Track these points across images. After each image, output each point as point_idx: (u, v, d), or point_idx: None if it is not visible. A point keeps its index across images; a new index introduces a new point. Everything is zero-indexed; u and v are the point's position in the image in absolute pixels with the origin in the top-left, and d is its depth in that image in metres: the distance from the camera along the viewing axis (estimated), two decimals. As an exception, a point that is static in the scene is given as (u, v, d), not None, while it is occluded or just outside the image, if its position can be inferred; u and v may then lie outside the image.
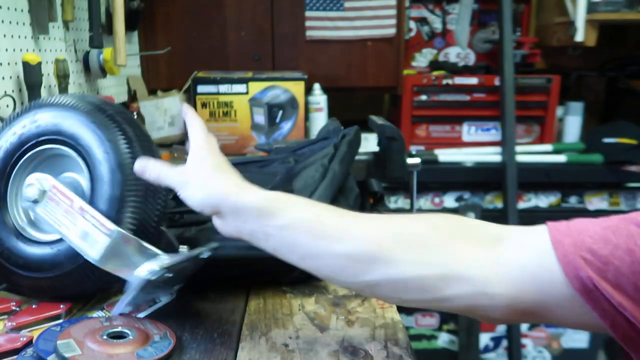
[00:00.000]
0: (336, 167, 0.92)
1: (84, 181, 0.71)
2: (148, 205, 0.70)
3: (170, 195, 0.74)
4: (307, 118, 1.83)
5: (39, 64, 1.19)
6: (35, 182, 0.68)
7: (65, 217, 0.65)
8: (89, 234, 0.64)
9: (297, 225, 0.57)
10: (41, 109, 0.73)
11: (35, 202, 0.67)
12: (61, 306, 0.72)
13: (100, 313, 0.71)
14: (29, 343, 0.63)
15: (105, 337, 0.61)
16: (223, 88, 1.77)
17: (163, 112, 1.92)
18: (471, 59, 2.50)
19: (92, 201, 0.68)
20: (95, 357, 0.58)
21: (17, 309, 0.72)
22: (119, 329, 0.63)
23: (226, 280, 0.81)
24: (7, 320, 0.69)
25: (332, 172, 0.90)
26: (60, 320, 0.70)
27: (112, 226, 0.65)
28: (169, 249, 0.68)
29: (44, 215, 0.67)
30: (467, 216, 2.12)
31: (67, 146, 0.71)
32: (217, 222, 0.63)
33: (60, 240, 0.70)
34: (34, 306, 0.72)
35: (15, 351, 0.62)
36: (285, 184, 0.87)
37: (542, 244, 0.51)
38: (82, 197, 0.68)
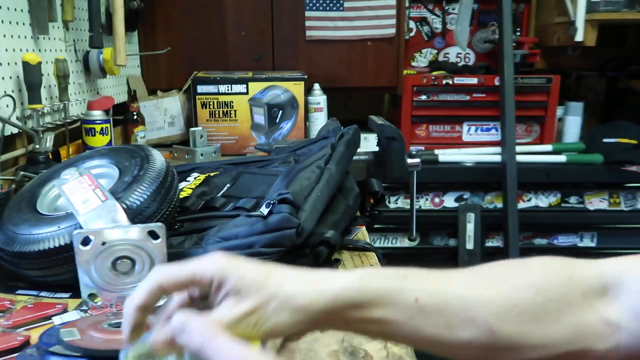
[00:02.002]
0: (333, 167, 0.92)
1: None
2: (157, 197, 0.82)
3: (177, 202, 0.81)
4: (307, 118, 1.83)
5: (39, 64, 1.19)
6: (74, 171, 0.81)
7: (81, 191, 0.77)
8: (89, 199, 0.76)
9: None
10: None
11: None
12: (57, 305, 0.72)
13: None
14: (26, 342, 0.63)
15: (106, 326, 0.63)
16: (223, 88, 1.77)
17: (163, 112, 1.92)
18: (471, 59, 2.50)
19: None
20: (93, 341, 0.60)
21: (13, 307, 0.72)
22: (121, 320, 0.65)
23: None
24: (2, 319, 0.69)
25: (328, 173, 0.90)
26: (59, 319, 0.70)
27: (107, 197, 0.75)
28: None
29: (65, 190, 0.78)
30: (467, 216, 2.12)
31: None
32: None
33: (65, 218, 0.77)
34: (29, 305, 0.72)
35: (13, 350, 0.62)
36: (285, 185, 0.87)
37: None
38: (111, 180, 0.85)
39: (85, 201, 0.75)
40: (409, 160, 1.17)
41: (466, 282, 0.51)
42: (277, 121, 1.79)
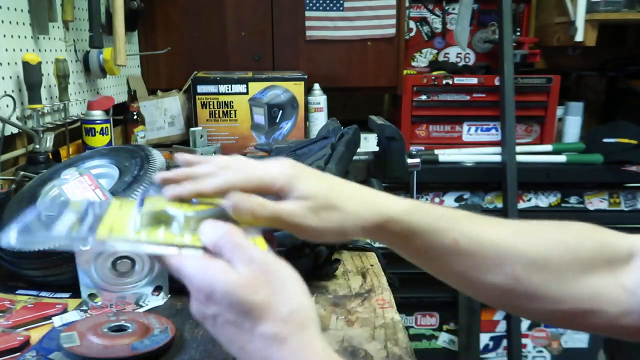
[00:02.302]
0: (333, 167, 0.92)
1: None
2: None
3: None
4: (307, 118, 1.83)
5: (39, 64, 1.19)
6: (74, 171, 0.82)
7: (81, 191, 0.77)
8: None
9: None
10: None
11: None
12: (57, 305, 0.72)
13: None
14: (26, 342, 0.63)
15: (106, 330, 0.63)
16: (223, 88, 1.77)
17: (163, 112, 1.92)
18: (471, 59, 2.50)
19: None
20: (92, 348, 0.60)
21: (13, 307, 0.72)
22: (121, 322, 0.65)
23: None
24: (2, 319, 0.69)
25: (328, 173, 0.90)
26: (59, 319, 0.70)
27: (108, 197, 0.75)
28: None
29: (65, 190, 0.78)
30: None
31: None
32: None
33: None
34: (29, 305, 0.72)
35: (13, 350, 0.62)
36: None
37: None
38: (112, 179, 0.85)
39: None
40: (409, 160, 1.17)
41: (503, 231, 0.55)
42: (277, 121, 1.78)
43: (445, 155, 2.13)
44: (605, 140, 2.14)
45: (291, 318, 0.43)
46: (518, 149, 2.08)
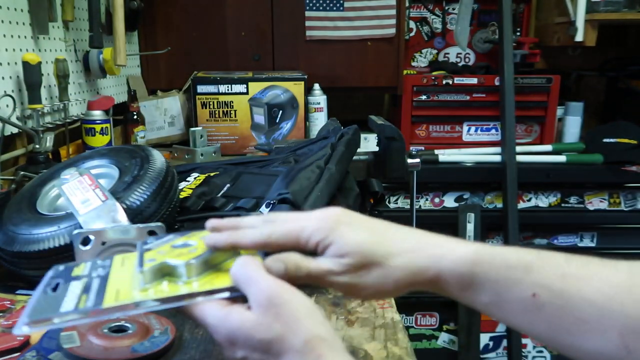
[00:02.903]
0: (333, 167, 0.92)
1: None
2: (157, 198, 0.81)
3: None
4: (307, 118, 1.83)
5: (39, 63, 1.19)
6: (74, 171, 0.82)
7: (81, 191, 0.77)
8: (89, 199, 0.75)
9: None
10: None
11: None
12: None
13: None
14: (26, 342, 0.63)
15: (106, 330, 0.63)
16: (223, 88, 1.77)
17: (163, 112, 1.92)
18: (471, 59, 2.50)
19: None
20: (92, 349, 0.60)
21: (13, 307, 0.72)
22: (122, 322, 0.65)
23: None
24: (2, 318, 0.69)
25: (328, 173, 0.90)
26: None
27: (108, 197, 0.74)
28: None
29: (65, 190, 0.77)
30: (467, 216, 2.12)
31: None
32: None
33: (65, 218, 0.77)
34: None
35: (13, 350, 0.62)
36: (285, 185, 0.86)
37: None
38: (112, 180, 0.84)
39: (85, 201, 0.75)
40: (409, 160, 1.17)
41: (608, 285, 0.42)
42: (277, 121, 1.78)
43: (445, 155, 2.13)
44: (605, 140, 2.14)
45: (306, 348, 0.44)
46: (518, 149, 2.08)
